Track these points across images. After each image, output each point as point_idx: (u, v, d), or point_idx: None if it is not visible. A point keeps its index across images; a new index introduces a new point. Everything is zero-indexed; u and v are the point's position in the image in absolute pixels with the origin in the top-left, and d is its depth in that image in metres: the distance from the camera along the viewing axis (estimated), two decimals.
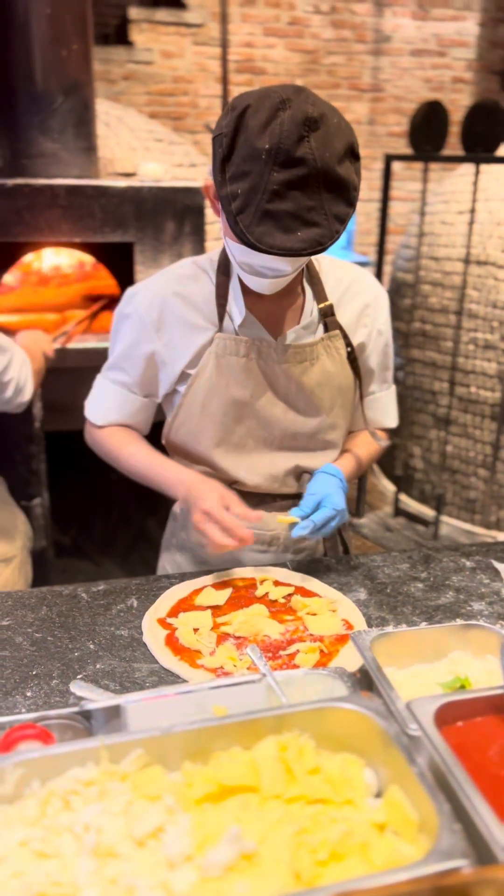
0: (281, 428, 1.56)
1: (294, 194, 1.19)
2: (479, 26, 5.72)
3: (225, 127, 1.22)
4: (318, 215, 1.22)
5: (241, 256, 1.33)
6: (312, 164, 1.18)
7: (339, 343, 1.55)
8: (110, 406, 1.63)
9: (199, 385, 1.52)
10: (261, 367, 1.51)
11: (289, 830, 0.73)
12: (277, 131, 1.17)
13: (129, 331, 1.55)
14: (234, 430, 1.55)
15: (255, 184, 1.19)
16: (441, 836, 0.70)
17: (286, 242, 1.21)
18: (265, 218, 1.20)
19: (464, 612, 1.41)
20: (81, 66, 2.96)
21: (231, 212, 1.22)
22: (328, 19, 5.43)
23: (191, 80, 5.25)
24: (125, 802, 0.77)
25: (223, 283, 1.50)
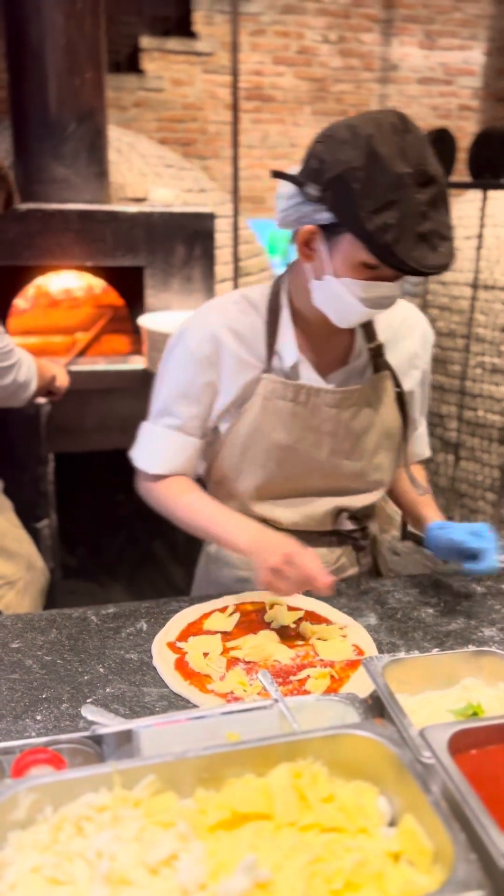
0: (324, 472, 1.53)
1: (433, 213, 1.23)
2: (485, 55, 5.79)
3: (356, 160, 1.20)
4: (446, 229, 1.26)
5: (364, 291, 1.31)
6: (441, 179, 1.24)
7: (389, 384, 1.53)
8: (165, 453, 1.54)
9: (241, 426, 1.49)
10: (308, 412, 1.48)
11: (303, 859, 0.73)
12: (413, 154, 1.20)
13: (181, 369, 1.49)
14: (276, 473, 1.52)
15: (404, 211, 1.20)
16: (456, 866, 0.70)
17: (437, 260, 1.24)
18: (420, 241, 1.22)
19: (475, 638, 1.40)
20: (94, 94, 3.01)
21: (385, 244, 1.20)
22: (336, 48, 5.51)
23: (200, 106, 5.32)
24: (138, 829, 0.77)
25: (273, 321, 1.47)
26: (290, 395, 1.47)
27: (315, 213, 1.29)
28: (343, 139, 1.23)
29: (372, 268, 1.29)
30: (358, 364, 1.52)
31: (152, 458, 1.56)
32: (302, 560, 1.32)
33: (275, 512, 1.56)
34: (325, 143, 1.26)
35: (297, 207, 1.31)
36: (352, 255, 1.28)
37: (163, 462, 1.55)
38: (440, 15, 5.62)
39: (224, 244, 3.56)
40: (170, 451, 1.54)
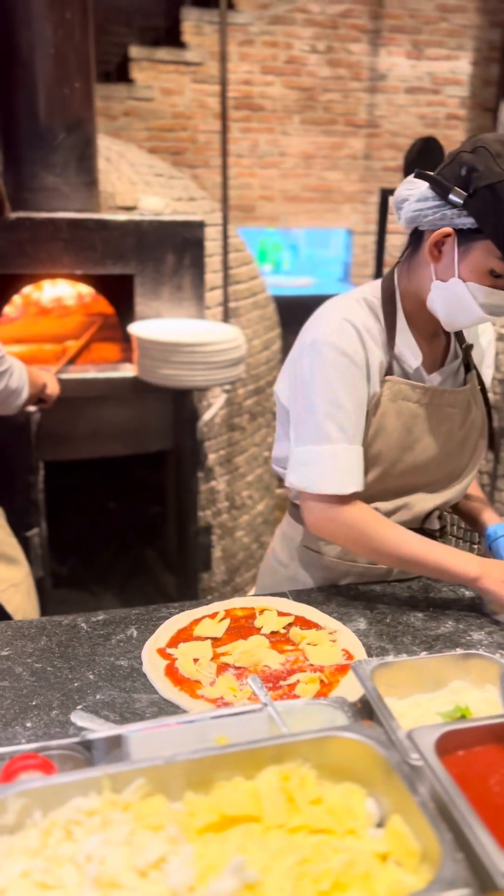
0: (432, 470, 1.57)
1: None
2: (471, 65, 5.85)
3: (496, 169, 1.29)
4: None
5: (486, 298, 1.37)
6: None
7: (476, 383, 1.62)
8: (352, 471, 1.45)
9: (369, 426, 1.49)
10: (428, 412, 1.52)
11: (291, 860, 0.73)
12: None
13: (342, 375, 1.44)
14: (389, 473, 1.54)
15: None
16: (443, 865, 0.70)
17: None
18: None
19: (463, 642, 1.41)
20: (84, 104, 3.03)
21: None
22: (324, 58, 5.56)
23: (190, 116, 5.36)
24: (127, 832, 0.77)
25: (391, 324, 1.50)
26: (416, 396, 1.51)
27: (455, 218, 1.35)
28: (497, 152, 1.30)
29: (496, 276, 1.36)
30: (454, 365, 1.60)
31: (340, 480, 1.44)
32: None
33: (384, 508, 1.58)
34: (477, 154, 1.32)
35: (436, 210, 1.36)
36: (484, 262, 1.35)
37: (350, 481, 1.45)
38: (427, 25, 5.68)
39: (214, 252, 3.58)
40: (353, 468, 1.45)
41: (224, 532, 3.73)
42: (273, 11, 5.36)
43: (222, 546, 3.72)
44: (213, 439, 3.56)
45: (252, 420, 3.85)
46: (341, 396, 1.43)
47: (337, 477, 1.44)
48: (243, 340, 3.08)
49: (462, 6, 5.69)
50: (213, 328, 3.18)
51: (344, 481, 1.44)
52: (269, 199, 5.75)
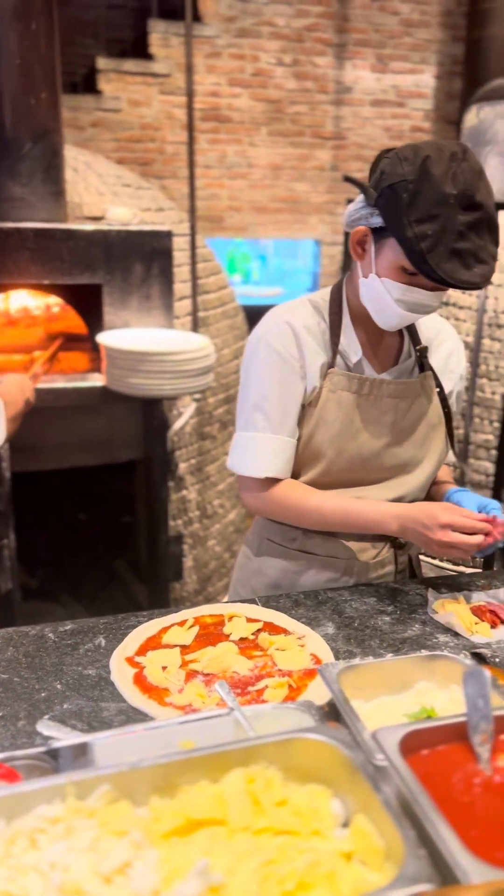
0: (378, 461, 1.62)
1: (472, 235, 1.35)
2: (435, 79, 5.96)
3: (408, 174, 1.35)
4: (485, 254, 1.37)
5: (401, 294, 1.44)
6: (486, 209, 1.36)
7: (432, 383, 1.67)
8: (269, 457, 1.58)
9: (308, 418, 1.58)
10: (370, 403, 1.59)
11: (256, 861, 0.74)
12: (462, 179, 1.34)
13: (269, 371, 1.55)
14: (335, 464, 1.60)
15: (444, 225, 1.33)
16: (406, 862, 0.71)
17: (470, 277, 1.36)
18: (452, 256, 1.34)
19: (430, 644, 1.43)
20: (50, 114, 3.02)
21: (419, 251, 1.34)
22: (291, 71, 5.62)
23: (158, 127, 5.37)
24: (92, 839, 0.77)
25: (336, 323, 1.59)
26: (355, 386, 1.57)
27: (370, 217, 1.45)
28: (405, 156, 1.38)
29: (410, 274, 1.42)
30: (407, 364, 1.65)
31: (257, 464, 1.58)
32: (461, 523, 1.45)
33: None
34: (390, 158, 1.40)
35: (359, 210, 1.47)
36: (393, 259, 1.42)
37: (268, 466, 1.58)
38: (391, 39, 5.77)
39: (182, 262, 3.59)
40: (272, 454, 1.57)
41: (196, 541, 3.73)
42: (239, 24, 5.41)
43: (194, 555, 3.72)
44: (183, 448, 3.55)
45: (223, 429, 3.85)
46: (269, 390, 1.55)
47: (257, 461, 1.58)
48: (212, 349, 3.09)
49: (425, 21, 5.80)
50: (182, 337, 3.18)
51: (262, 466, 1.57)
52: (238, 210, 5.78)
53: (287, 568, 1.70)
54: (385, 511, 1.54)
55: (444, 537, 1.44)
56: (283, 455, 1.58)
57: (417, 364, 1.66)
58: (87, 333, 3.28)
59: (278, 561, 1.71)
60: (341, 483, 1.62)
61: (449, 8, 5.82)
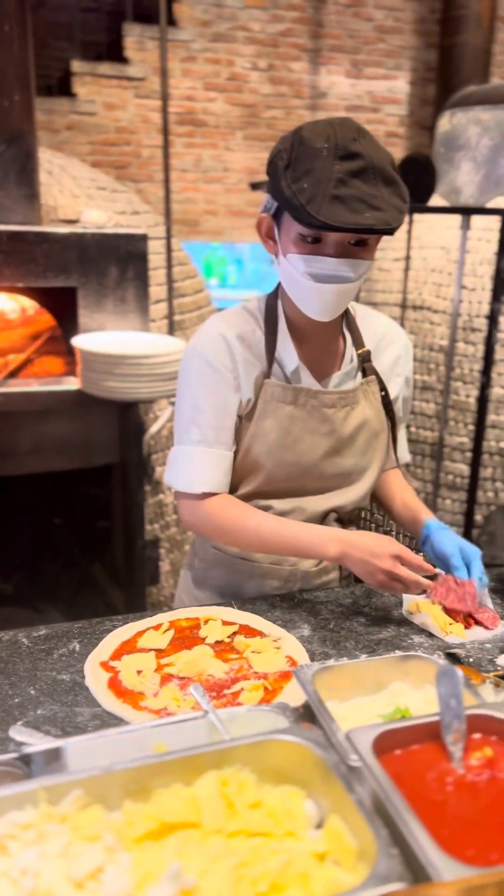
0: (318, 472, 1.58)
1: (356, 182, 1.31)
2: (409, 85, 6.01)
3: (283, 144, 1.37)
4: (380, 202, 1.32)
5: (307, 266, 1.39)
6: (368, 158, 1.31)
7: (375, 388, 1.63)
8: (204, 471, 1.53)
9: (244, 431, 1.55)
10: (306, 414, 1.55)
11: (229, 864, 0.73)
12: (333, 134, 1.32)
13: (202, 382, 1.52)
14: (274, 475, 1.56)
15: (319, 176, 1.30)
16: (379, 861, 0.71)
17: (358, 220, 1.30)
18: (334, 201, 1.30)
19: (405, 645, 1.43)
20: (24, 117, 3.01)
21: (300, 204, 1.30)
22: (266, 76, 5.64)
23: (133, 130, 5.37)
24: (64, 844, 0.76)
25: (272, 330, 1.54)
26: (290, 397, 1.54)
27: (269, 205, 1.45)
28: (283, 137, 1.39)
29: (311, 242, 1.38)
30: (349, 369, 1.60)
31: (192, 478, 1.53)
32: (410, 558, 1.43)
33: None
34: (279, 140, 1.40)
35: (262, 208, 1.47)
36: (290, 231, 1.39)
37: (204, 480, 1.53)
38: (365, 45, 5.82)
39: (158, 265, 3.58)
40: (208, 468, 1.53)
41: (172, 545, 3.72)
42: (214, 29, 5.42)
43: (171, 559, 3.70)
44: (160, 452, 3.54)
45: None
46: (203, 402, 1.51)
47: (191, 476, 1.53)
48: None
49: (399, 28, 5.85)
50: (158, 340, 3.17)
51: (197, 480, 1.53)
52: (214, 214, 5.79)
53: (230, 576, 1.67)
54: (326, 536, 1.48)
55: (392, 568, 1.41)
56: (219, 468, 1.54)
57: (360, 368, 1.62)
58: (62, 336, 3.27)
59: (221, 570, 1.68)
60: (281, 493, 1.59)
61: (422, 15, 5.88)
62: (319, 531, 1.51)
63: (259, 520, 1.52)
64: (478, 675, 1.24)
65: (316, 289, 1.41)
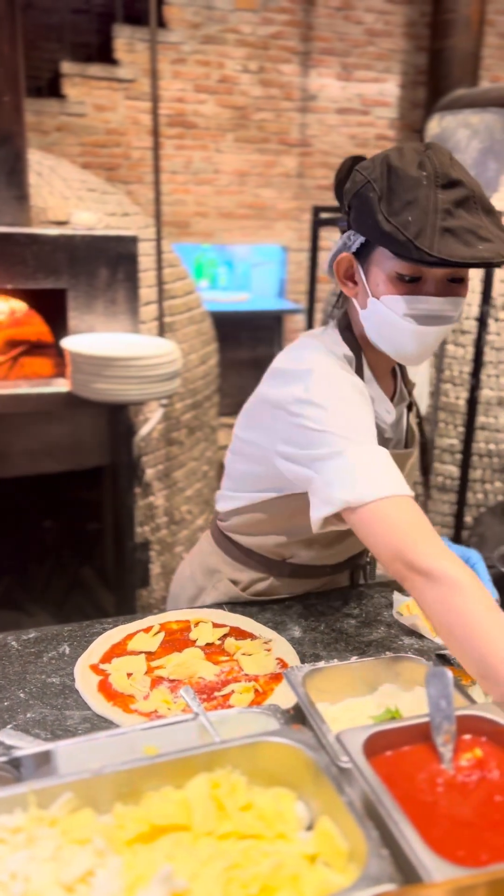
0: None
1: (461, 213, 1.20)
2: (399, 88, 6.03)
3: (369, 173, 1.24)
4: (488, 232, 1.20)
5: (407, 307, 1.26)
6: (469, 185, 1.21)
7: (414, 419, 1.56)
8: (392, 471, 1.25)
9: None
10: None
11: (220, 866, 0.73)
12: (430, 162, 1.21)
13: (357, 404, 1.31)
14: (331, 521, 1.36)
15: (424, 207, 1.18)
16: (369, 862, 0.71)
17: (475, 253, 1.18)
18: (445, 234, 1.18)
19: (395, 647, 1.44)
20: (13, 118, 3.00)
21: (407, 240, 1.17)
22: (256, 78, 5.65)
23: (123, 132, 5.36)
24: (54, 848, 0.76)
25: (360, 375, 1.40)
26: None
27: (349, 242, 1.32)
28: (366, 165, 1.28)
29: (409, 281, 1.26)
30: (401, 409, 1.52)
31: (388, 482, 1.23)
32: None
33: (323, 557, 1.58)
34: (352, 176, 1.29)
35: (337, 246, 1.35)
36: (385, 269, 1.27)
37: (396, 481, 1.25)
38: (355, 48, 5.83)
39: (148, 267, 3.58)
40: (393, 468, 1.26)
41: (163, 548, 3.71)
42: (205, 31, 5.42)
43: (161, 562, 3.70)
44: (150, 454, 3.54)
45: (190, 434, 3.84)
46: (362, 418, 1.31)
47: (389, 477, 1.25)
48: (179, 354, 3.08)
49: (389, 31, 5.87)
50: (148, 342, 3.17)
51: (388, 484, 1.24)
52: (204, 216, 5.78)
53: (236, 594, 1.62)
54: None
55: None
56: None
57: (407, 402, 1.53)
58: (52, 338, 3.26)
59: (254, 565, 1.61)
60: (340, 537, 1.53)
61: (412, 18, 5.90)
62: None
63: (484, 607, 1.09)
64: (467, 677, 1.24)
65: (417, 332, 1.28)
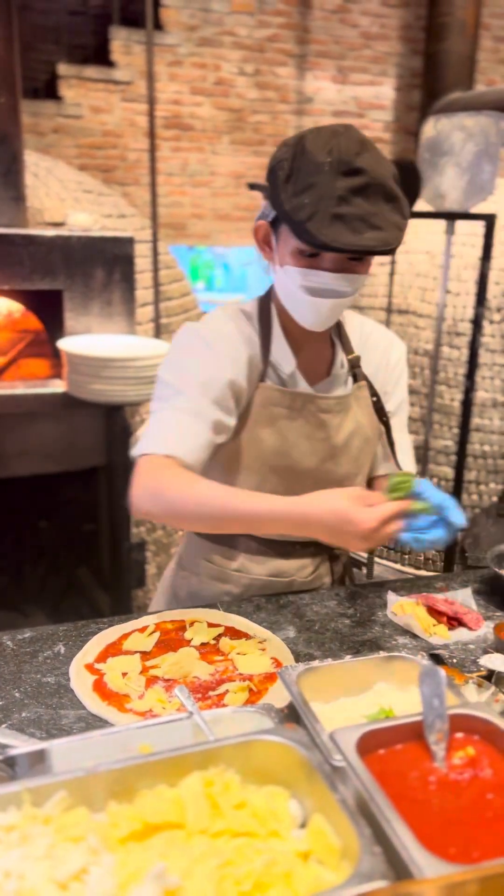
0: (313, 478, 1.55)
1: (357, 200, 1.28)
2: (394, 91, 6.05)
3: (284, 154, 1.33)
4: (381, 220, 1.30)
5: (304, 279, 1.37)
6: (371, 173, 1.29)
7: (366, 393, 1.61)
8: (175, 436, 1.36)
9: (239, 434, 1.50)
10: (302, 418, 1.52)
11: (213, 864, 0.74)
12: (337, 147, 1.29)
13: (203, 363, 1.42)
14: (268, 480, 1.53)
15: (321, 192, 1.28)
16: (362, 859, 0.72)
17: (357, 241, 1.28)
18: (335, 220, 1.27)
19: (389, 646, 1.44)
20: (9, 119, 3.00)
21: (300, 220, 1.28)
22: (252, 80, 5.66)
23: (120, 134, 5.37)
24: (47, 846, 0.76)
25: (266, 332, 1.52)
26: (287, 402, 1.51)
27: (266, 210, 1.43)
28: (286, 142, 1.36)
29: (308, 256, 1.36)
30: (340, 374, 1.58)
31: (159, 441, 1.36)
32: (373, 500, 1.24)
33: None
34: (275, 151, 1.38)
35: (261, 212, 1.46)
36: (287, 242, 1.38)
37: (171, 444, 1.35)
38: (351, 51, 5.85)
39: (145, 269, 3.59)
40: (181, 435, 1.37)
41: (159, 548, 3.71)
42: (201, 34, 5.43)
43: (157, 562, 3.70)
44: None
45: None
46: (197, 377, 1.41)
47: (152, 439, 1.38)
48: None
49: (385, 34, 5.89)
50: (144, 343, 3.17)
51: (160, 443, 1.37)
52: (201, 217, 5.79)
53: (227, 591, 1.64)
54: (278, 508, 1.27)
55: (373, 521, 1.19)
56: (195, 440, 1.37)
57: (350, 374, 1.60)
58: (48, 339, 3.26)
59: (216, 584, 1.65)
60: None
61: (408, 21, 5.92)
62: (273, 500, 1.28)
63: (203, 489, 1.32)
64: (461, 676, 1.25)
65: (311, 302, 1.40)
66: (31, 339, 3.32)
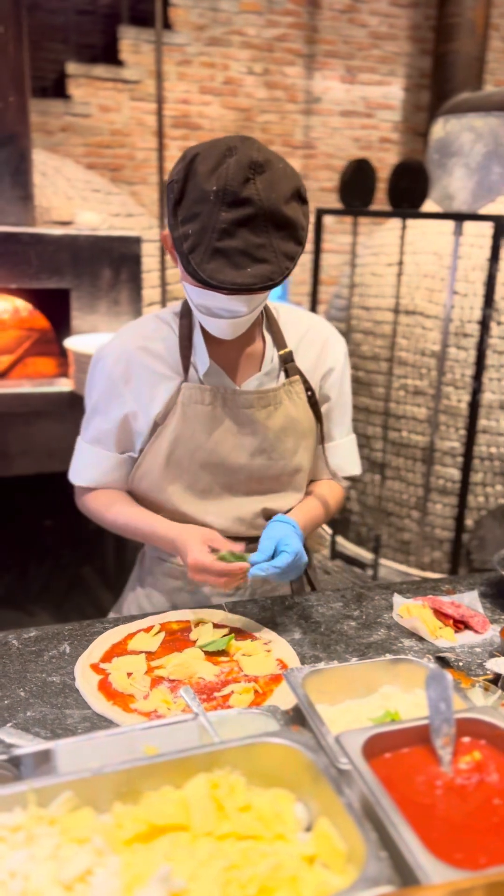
0: (247, 473, 1.57)
1: (242, 232, 1.25)
2: (403, 91, 6.04)
3: (176, 175, 1.29)
4: (268, 252, 1.27)
5: (198, 298, 1.37)
6: (259, 203, 1.25)
7: (300, 388, 1.59)
8: (88, 466, 1.63)
9: (164, 435, 1.53)
10: (226, 415, 1.53)
11: (218, 867, 0.73)
12: (224, 174, 1.24)
13: (97, 387, 1.57)
14: (200, 477, 1.56)
15: (204, 224, 1.25)
16: (368, 864, 0.72)
17: (237, 278, 1.26)
18: (216, 255, 1.25)
19: (395, 649, 1.44)
20: (18, 118, 3.01)
21: (183, 252, 1.27)
22: (261, 80, 5.66)
23: (128, 133, 5.37)
24: (53, 846, 0.76)
25: (186, 335, 1.53)
26: (208, 398, 1.52)
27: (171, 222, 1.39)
28: (183, 156, 1.31)
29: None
30: (271, 370, 1.56)
31: (79, 471, 1.65)
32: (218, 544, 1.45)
33: (207, 517, 1.59)
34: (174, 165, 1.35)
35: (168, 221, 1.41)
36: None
37: (87, 475, 1.63)
38: (360, 51, 5.84)
39: (152, 268, 3.59)
40: (91, 465, 1.62)
41: None
42: (210, 33, 5.43)
43: None
44: None
45: None
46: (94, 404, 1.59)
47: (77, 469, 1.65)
48: None
49: (393, 34, 5.88)
50: None
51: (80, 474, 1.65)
52: None
53: (179, 586, 1.67)
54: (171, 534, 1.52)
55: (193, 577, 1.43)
56: (101, 467, 1.61)
57: (282, 369, 1.58)
58: (55, 338, 3.26)
59: (168, 580, 1.68)
60: (211, 495, 1.58)
61: (417, 22, 5.91)
62: (161, 527, 1.54)
63: (117, 509, 1.60)
64: (467, 679, 1.24)
65: (207, 319, 1.41)
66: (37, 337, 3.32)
